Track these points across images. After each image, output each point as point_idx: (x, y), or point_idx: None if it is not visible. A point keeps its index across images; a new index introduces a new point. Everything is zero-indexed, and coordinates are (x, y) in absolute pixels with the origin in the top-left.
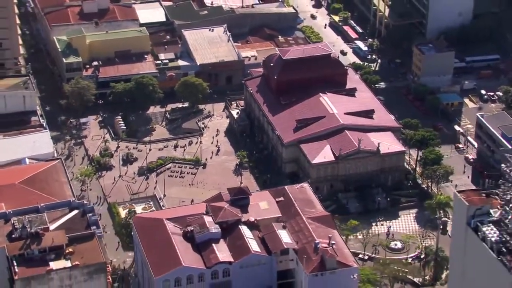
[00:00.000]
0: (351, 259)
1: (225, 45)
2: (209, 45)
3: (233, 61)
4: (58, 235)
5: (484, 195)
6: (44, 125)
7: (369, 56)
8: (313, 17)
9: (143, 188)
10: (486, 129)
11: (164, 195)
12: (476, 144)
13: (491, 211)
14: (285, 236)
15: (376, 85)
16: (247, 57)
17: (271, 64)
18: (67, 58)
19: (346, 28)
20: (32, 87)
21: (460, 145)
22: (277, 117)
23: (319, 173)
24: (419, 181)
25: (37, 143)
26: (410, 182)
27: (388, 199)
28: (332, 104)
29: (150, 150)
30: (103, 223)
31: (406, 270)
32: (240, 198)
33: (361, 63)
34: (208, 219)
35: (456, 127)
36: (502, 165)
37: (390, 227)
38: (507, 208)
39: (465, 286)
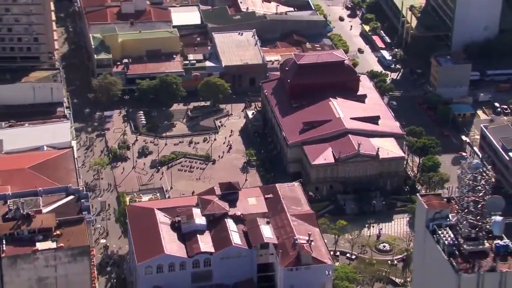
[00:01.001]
0: (327, 256)
1: (251, 48)
2: (237, 48)
3: (256, 64)
4: (48, 218)
5: (445, 199)
6: (68, 116)
7: (393, 65)
8: (341, 19)
9: (152, 180)
10: (489, 140)
11: (171, 188)
12: (480, 155)
13: (450, 215)
14: (266, 231)
15: (390, 93)
16: (270, 61)
17: (286, 68)
18: (99, 55)
19: (374, 37)
20: (61, 80)
21: (464, 153)
22: (286, 119)
23: (318, 174)
24: (419, 187)
25: (57, 132)
26: (408, 187)
27: (383, 202)
28: (340, 108)
29: (166, 144)
30: (110, 212)
31: (389, 270)
32: (229, 193)
33: (382, 71)
34: (196, 211)
35: (463, 137)
36: (457, 171)
37: (381, 229)
38: (462, 214)
39: (424, 285)
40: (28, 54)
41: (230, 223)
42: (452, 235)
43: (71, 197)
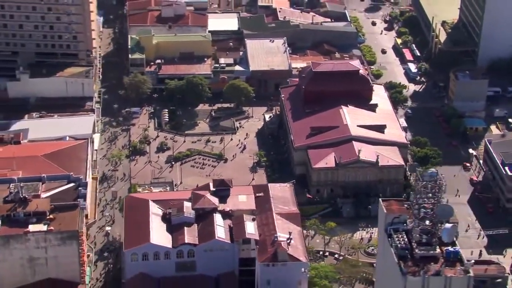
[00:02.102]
0: (303, 255)
1: (280, 55)
2: (266, 54)
3: (282, 70)
4: (43, 202)
5: (405, 205)
6: (95, 110)
7: (418, 78)
8: (373, 23)
9: (165, 174)
10: (490, 154)
11: (181, 182)
12: (484, 168)
13: (408, 221)
14: (250, 227)
15: (404, 104)
16: (296, 68)
17: (303, 75)
18: (133, 54)
19: (405, 50)
20: (92, 76)
21: (468, 164)
22: (297, 123)
23: (319, 177)
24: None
25: (81, 125)
26: (405, 195)
27: (371, 207)
28: (349, 116)
29: (184, 141)
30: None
31: (370, 272)
32: (222, 189)
33: (400, 83)
34: (187, 205)
35: (470, 150)
36: (411, 178)
37: (372, 233)
38: (415, 219)
39: (382, 287)
40: (67, 51)
41: (217, 217)
42: (406, 240)
43: (71, 184)
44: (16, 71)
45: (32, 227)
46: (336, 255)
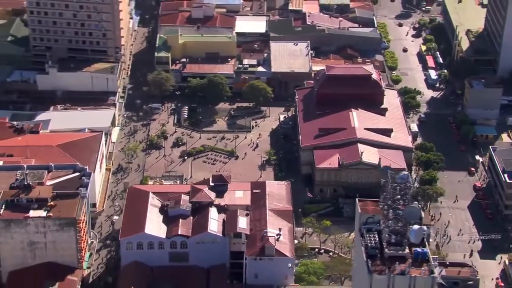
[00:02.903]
0: (290, 251)
1: (302, 58)
2: (288, 57)
3: (302, 72)
4: (45, 189)
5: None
6: (117, 104)
7: (437, 85)
8: (400, 26)
9: (177, 168)
10: (494, 161)
11: (190, 177)
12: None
13: (381, 221)
14: (242, 222)
15: (417, 109)
16: (315, 71)
17: (317, 78)
18: (159, 53)
19: (428, 57)
20: (116, 72)
21: (473, 169)
22: (306, 124)
23: (323, 177)
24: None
25: (100, 118)
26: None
27: None
28: (357, 119)
29: (200, 138)
30: None
31: None
32: (220, 184)
33: (415, 88)
34: (184, 198)
35: (477, 157)
36: (382, 180)
37: None
38: (385, 220)
39: (356, 284)
40: (97, 47)
41: (212, 211)
42: (377, 239)
43: (76, 174)
44: (46, 65)
45: (32, 213)
46: (331, 253)
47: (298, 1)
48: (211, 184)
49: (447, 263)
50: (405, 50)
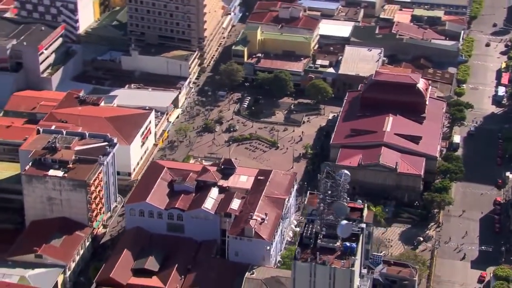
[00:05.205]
0: (269, 235)
1: (372, 63)
2: (359, 61)
3: (366, 76)
4: (68, 153)
5: None
6: (183, 88)
7: (503, 101)
8: (487, 45)
9: (221, 151)
10: None
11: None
12: None
13: None
14: (235, 204)
15: (463, 121)
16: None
17: (366, 82)
18: (236, 46)
19: (505, 74)
20: (190, 60)
21: (500, 181)
22: (343, 124)
23: None
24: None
25: (162, 98)
26: (417, 202)
27: (392, 210)
28: (391, 124)
29: (252, 127)
30: None
31: None
32: (228, 168)
33: (468, 102)
34: (192, 176)
35: (508, 173)
36: (319, 175)
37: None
38: (320, 213)
39: None
40: (182, 36)
41: (213, 191)
42: (314, 230)
43: (104, 143)
44: (130, 48)
45: (51, 172)
46: None
47: (391, 11)
48: (221, 166)
49: (392, 262)
50: (488, 45)
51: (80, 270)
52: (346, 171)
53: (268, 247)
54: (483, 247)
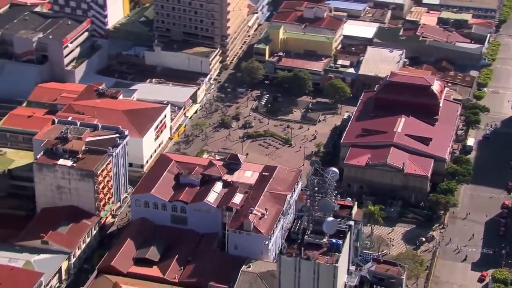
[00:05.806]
0: (267, 230)
1: (392, 64)
2: (380, 62)
3: (384, 77)
4: (78, 143)
5: None
6: (203, 84)
7: None
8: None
9: (234, 147)
10: None
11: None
12: None
13: None
14: (237, 198)
15: (477, 125)
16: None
17: (381, 82)
18: (258, 44)
19: None
20: (211, 57)
21: (510, 184)
22: (356, 123)
23: (350, 173)
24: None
25: (181, 93)
26: (423, 203)
27: (398, 209)
28: (403, 125)
29: (267, 123)
30: None
31: None
32: (233, 163)
33: (484, 105)
34: (198, 170)
35: None
36: (307, 172)
37: (373, 229)
38: (308, 210)
39: None
40: (205, 33)
41: (217, 185)
42: (302, 226)
43: (115, 135)
44: (153, 43)
45: (61, 161)
46: None
47: (418, 13)
48: (227, 161)
49: (381, 260)
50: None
51: (86, 257)
52: (334, 169)
53: (267, 242)
54: (484, 250)
